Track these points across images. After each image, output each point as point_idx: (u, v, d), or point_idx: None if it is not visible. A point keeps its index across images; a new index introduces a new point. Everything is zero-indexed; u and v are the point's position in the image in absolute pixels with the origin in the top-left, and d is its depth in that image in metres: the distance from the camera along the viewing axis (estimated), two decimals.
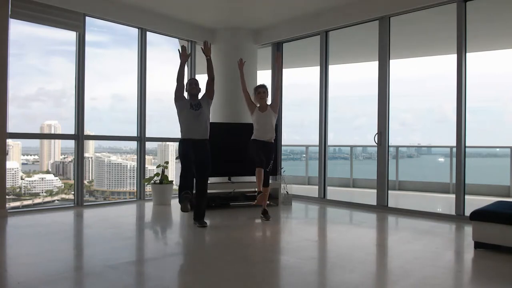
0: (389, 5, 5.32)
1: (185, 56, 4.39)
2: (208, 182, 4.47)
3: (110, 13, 5.70)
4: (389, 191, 5.52)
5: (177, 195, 4.38)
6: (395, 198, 6.47)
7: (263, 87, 4.74)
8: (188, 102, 4.37)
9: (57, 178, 6.20)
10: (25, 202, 5.83)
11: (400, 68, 6.19)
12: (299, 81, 7.92)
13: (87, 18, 5.52)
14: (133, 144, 6.23)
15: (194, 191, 4.39)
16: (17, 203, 5.74)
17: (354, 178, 8.37)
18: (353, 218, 5.13)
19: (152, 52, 6.25)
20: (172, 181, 5.96)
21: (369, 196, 5.97)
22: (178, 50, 4.40)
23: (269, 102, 4.79)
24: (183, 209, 4.25)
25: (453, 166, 5.77)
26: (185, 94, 4.49)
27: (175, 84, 4.40)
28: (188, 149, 4.29)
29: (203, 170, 4.36)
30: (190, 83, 4.50)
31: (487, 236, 3.39)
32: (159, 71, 6.59)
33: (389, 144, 5.53)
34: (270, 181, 4.86)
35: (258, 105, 4.71)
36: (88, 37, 5.55)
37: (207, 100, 4.48)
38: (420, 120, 8.15)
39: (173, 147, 7.01)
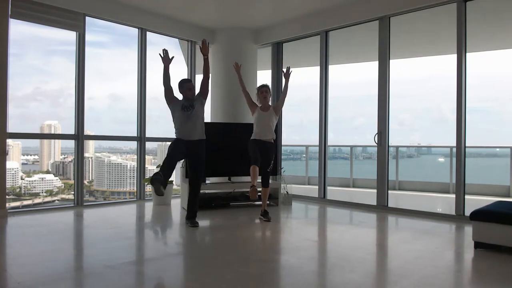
0: (389, 5, 5.32)
1: (167, 60, 4.31)
2: (207, 182, 4.45)
3: (110, 13, 5.70)
4: (389, 191, 5.52)
5: (157, 183, 3.88)
6: (395, 198, 6.46)
7: (265, 86, 4.79)
8: (180, 104, 4.28)
9: (57, 178, 6.21)
10: (25, 202, 5.83)
11: (400, 68, 6.18)
12: (299, 81, 7.90)
13: (87, 18, 5.52)
14: (133, 144, 6.23)
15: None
16: (17, 203, 5.74)
17: (354, 178, 8.37)
18: (353, 218, 5.13)
19: (152, 52, 6.25)
20: (172, 181, 5.96)
21: (369, 196, 5.96)
22: (160, 54, 4.32)
23: (271, 102, 4.82)
24: (157, 193, 3.89)
25: (453, 166, 5.77)
26: (178, 95, 4.38)
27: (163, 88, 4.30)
28: (181, 146, 4.19)
29: (197, 171, 4.33)
30: (184, 88, 4.35)
31: (487, 236, 3.39)
32: (159, 71, 6.58)
33: (389, 144, 5.53)
34: (270, 181, 4.85)
35: (260, 105, 4.74)
36: (88, 37, 5.55)
37: (201, 99, 4.38)
38: (420, 120, 8.16)
39: None
